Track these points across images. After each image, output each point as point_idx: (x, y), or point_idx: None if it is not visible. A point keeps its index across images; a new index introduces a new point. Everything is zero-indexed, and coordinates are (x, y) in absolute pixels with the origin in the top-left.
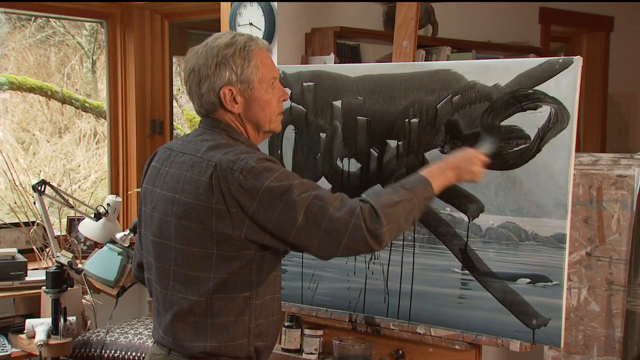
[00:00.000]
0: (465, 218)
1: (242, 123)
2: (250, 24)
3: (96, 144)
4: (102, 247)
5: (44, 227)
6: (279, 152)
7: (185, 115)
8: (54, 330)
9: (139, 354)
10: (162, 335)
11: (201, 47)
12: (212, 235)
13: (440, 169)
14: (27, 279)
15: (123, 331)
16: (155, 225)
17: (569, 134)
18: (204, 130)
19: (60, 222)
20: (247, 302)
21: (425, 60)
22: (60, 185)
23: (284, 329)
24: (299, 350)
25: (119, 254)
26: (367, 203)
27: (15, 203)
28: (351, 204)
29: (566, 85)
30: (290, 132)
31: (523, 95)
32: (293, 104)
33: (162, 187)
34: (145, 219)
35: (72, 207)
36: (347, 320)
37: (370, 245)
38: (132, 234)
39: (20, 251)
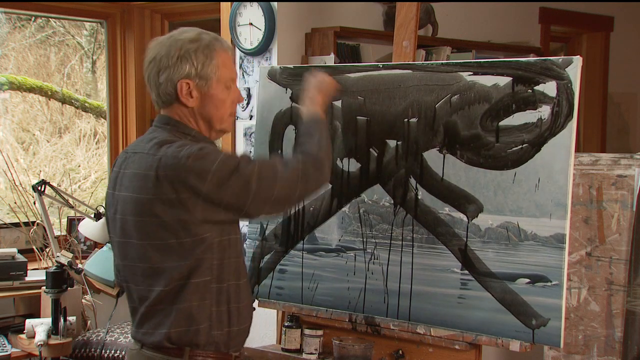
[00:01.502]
0: (465, 218)
1: (194, 118)
2: (250, 24)
3: (96, 144)
4: (102, 247)
5: (44, 227)
6: (279, 152)
7: None
8: (54, 330)
9: None
10: (134, 330)
11: (165, 38)
12: (168, 225)
13: (311, 100)
14: (27, 279)
15: (123, 331)
16: (118, 226)
17: (569, 133)
18: (155, 128)
19: (60, 222)
20: (208, 286)
21: (425, 60)
22: (60, 185)
23: (284, 329)
24: (299, 350)
25: None
26: (301, 154)
27: (15, 203)
28: (291, 161)
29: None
30: (290, 133)
31: (522, 95)
32: (294, 104)
33: (119, 189)
34: (111, 223)
35: (72, 207)
36: (347, 320)
37: (319, 184)
38: None
39: (20, 251)
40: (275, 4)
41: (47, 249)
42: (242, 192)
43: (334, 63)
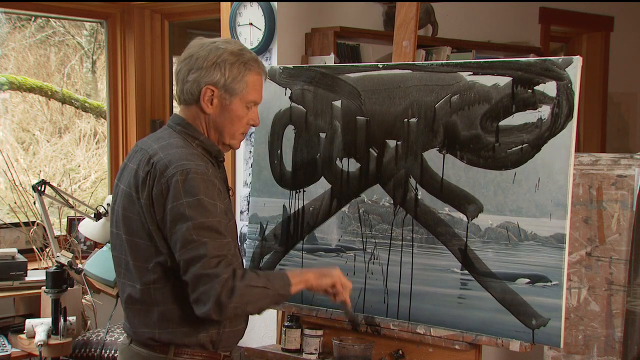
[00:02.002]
0: (465, 218)
1: (207, 125)
2: (250, 24)
3: (96, 144)
4: (102, 247)
5: (44, 227)
6: (279, 152)
7: None
8: (54, 330)
9: None
10: (125, 324)
11: (209, 42)
12: (146, 226)
13: (302, 272)
14: (27, 279)
15: (123, 331)
16: (114, 216)
17: (569, 133)
18: (167, 128)
19: (60, 222)
20: (187, 289)
21: (425, 60)
22: (60, 185)
23: (284, 329)
24: (299, 350)
25: None
26: (233, 278)
27: (15, 203)
28: (222, 270)
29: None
30: (290, 132)
31: (522, 95)
32: (293, 104)
33: (122, 181)
34: (111, 213)
35: (72, 207)
36: (347, 320)
37: (209, 312)
38: None
39: (20, 251)
40: (275, 4)
41: (47, 249)
42: (175, 247)
43: (334, 63)
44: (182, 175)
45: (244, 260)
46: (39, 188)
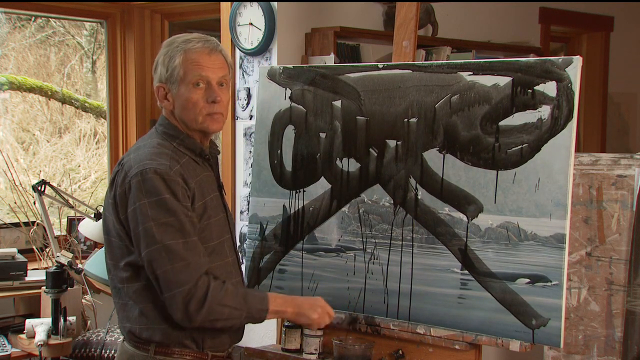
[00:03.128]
0: (465, 218)
1: (175, 121)
2: (250, 24)
3: (96, 144)
4: (102, 247)
5: (44, 227)
6: (279, 152)
7: None
8: (54, 330)
9: None
10: (118, 322)
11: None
12: (117, 227)
13: (285, 302)
14: (27, 279)
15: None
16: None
17: (569, 133)
18: (153, 129)
19: (60, 222)
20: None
21: (425, 60)
22: (60, 185)
23: (284, 329)
24: (299, 350)
25: None
26: (206, 287)
27: (15, 203)
28: (192, 276)
29: (566, 85)
30: (290, 132)
31: (522, 96)
32: (293, 104)
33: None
34: None
35: (72, 207)
36: (347, 320)
37: (177, 316)
38: None
39: (20, 251)
40: (275, 4)
41: (47, 249)
42: (139, 245)
43: (334, 63)
44: (142, 175)
45: (243, 259)
46: (39, 188)
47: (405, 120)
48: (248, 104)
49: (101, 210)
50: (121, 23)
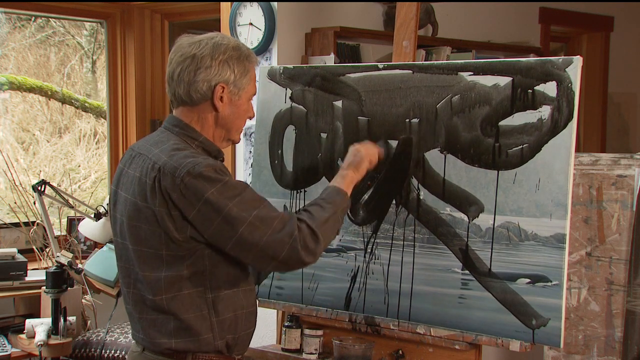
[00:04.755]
0: (465, 218)
1: (210, 124)
2: (250, 24)
3: (96, 144)
4: (102, 247)
5: (44, 227)
6: (280, 152)
7: None
8: (54, 330)
9: None
10: (134, 333)
11: (206, 39)
12: (160, 235)
13: (342, 175)
14: (27, 279)
15: (123, 331)
16: (117, 225)
17: (569, 134)
18: (163, 130)
19: (60, 222)
20: (202, 296)
21: (425, 60)
22: (60, 185)
23: (284, 329)
24: (299, 350)
25: None
26: (304, 223)
27: (15, 203)
28: (291, 225)
29: (566, 86)
30: (290, 133)
31: (523, 95)
32: (294, 104)
33: (122, 188)
34: (112, 221)
35: (72, 207)
36: (347, 320)
37: (304, 262)
38: None
39: (20, 251)
40: (275, 4)
41: (47, 249)
42: (224, 235)
43: (334, 63)
44: (195, 170)
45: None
46: (39, 188)
47: (407, 120)
48: None
49: (101, 210)
50: (121, 23)
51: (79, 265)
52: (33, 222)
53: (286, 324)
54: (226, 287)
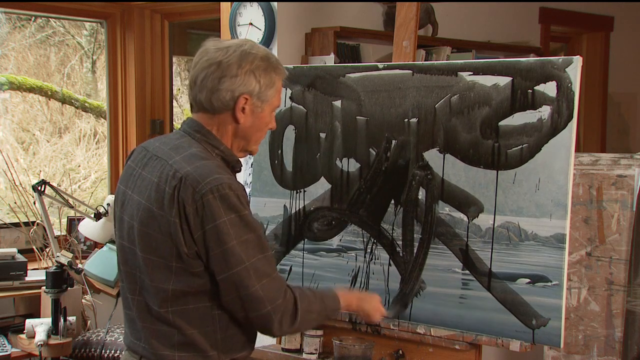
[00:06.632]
0: (465, 218)
1: (230, 134)
2: (250, 24)
3: (96, 144)
4: (102, 247)
5: (44, 227)
6: (279, 152)
7: (185, 115)
8: (54, 330)
9: None
10: (132, 340)
11: (234, 45)
12: (171, 246)
13: (350, 297)
14: (27, 279)
15: (123, 331)
16: (125, 228)
17: (569, 134)
18: (183, 134)
19: (60, 222)
20: (209, 312)
21: (425, 60)
22: (60, 185)
23: None
24: (299, 350)
25: None
26: (293, 297)
27: (15, 203)
28: (277, 291)
29: (566, 85)
30: (290, 132)
31: (522, 95)
32: (293, 104)
33: (133, 189)
34: (117, 222)
35: (72, 207)
36: (347, 320)
37: (271, 332)
38: None
39: (20, 251)
40: (275, 4)
41: (47, 249)
42: (218, 265)
43: (334, 63)
44: (219, 191)
45: None
46: (39, 188)
47: (406, 120)
48: None
49: (101, 210)
50: (121, 23)
51: (79, 265)
52: (33, 222)
53: None
54: None
